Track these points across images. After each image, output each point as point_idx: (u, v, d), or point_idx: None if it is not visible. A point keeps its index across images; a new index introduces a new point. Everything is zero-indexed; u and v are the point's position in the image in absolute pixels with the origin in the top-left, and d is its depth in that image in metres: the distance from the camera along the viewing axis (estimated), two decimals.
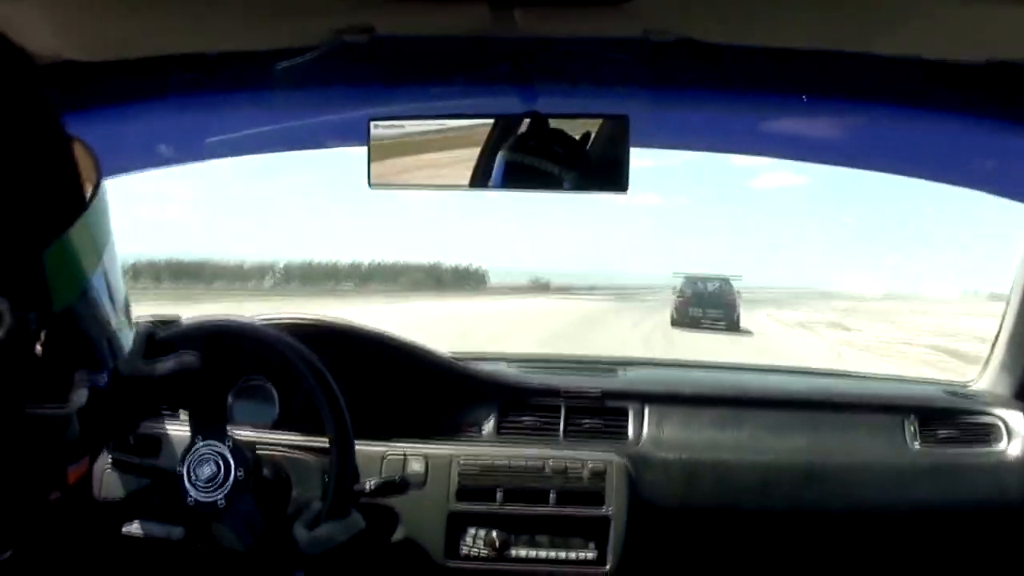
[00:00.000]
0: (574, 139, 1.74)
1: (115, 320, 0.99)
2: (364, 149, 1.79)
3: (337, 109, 2.05)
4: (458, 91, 1.91)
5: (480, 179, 1.78)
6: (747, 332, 22.92)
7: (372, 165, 1.79)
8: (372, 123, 1.77)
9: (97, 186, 0.91)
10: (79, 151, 0.91)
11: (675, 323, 23.80)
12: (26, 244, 0.82)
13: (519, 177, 1.78)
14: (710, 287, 25.22)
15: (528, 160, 1.75)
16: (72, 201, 0.88)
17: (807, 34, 1.66)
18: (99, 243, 0.92)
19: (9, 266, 0.81)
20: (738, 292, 25.56)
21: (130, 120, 2.00)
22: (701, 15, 1.61)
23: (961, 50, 1.65)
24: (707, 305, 24.33)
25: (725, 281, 25.78)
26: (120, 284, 1.01)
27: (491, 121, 1.77)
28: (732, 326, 23.56)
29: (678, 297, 25.11)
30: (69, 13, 1.56)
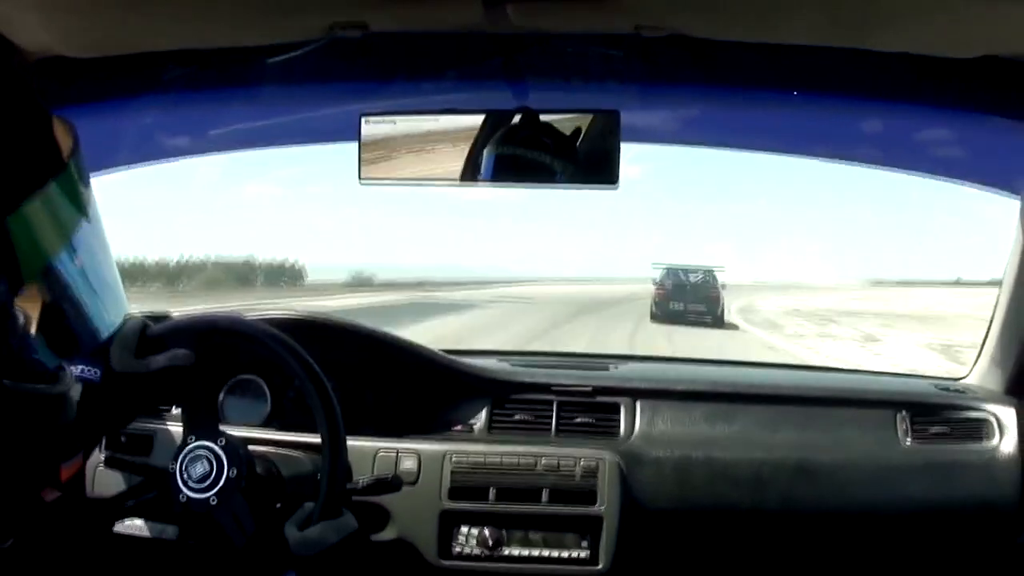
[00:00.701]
0: (565, 134, 1.75)
1: (93, 303, 0.98)
2: (354, 145, 1.79)
3: (329, 105, 2.06)
4: (450, 86, 1.92)
5: (471, 174, 1.78)
6: (734, 327, 21.78)
7: (363, 160, 1.79)
8: (363, 118, 1.78)
9: (67, 162, 0.90)
10: (58, 129, 0.91)
11: (655, 318, 22.20)
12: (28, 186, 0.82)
13: (510, 172, 1.79)
14: (692, 279, 23.67)
15: (519, 155, 1.76)
16: (39, 172, 0.87)
17: (798, 30, 1.67)
18: (68, 219, 0.91)
19: None
20: (722, 284, 24.11)
21: (122, 116, 2.01)
22: (692, 11, 1.61)
23: (952, 46, 1.65)
24: (689, 299, 22.69)
25: (708, 272, 24.27)
26: (106, 270, 1.01)
27: (482, 116, 1.78)
28: (717, 321, 22.26)
29: (657, 289, 23.49)
30: (61, 9, 1.56)
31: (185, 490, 1.74)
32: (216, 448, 1.76)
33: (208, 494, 1.73)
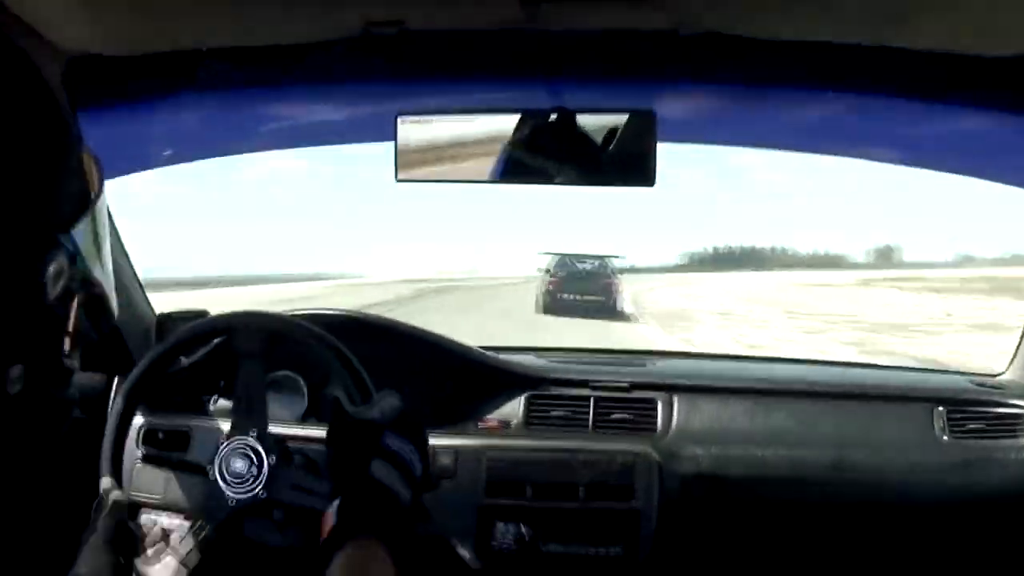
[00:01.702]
0: (600, 133, 1.74)
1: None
2: (391, 144, 1.79)
3: (365, 104, 2.06)
4: (486, 85, 1.92)
5: (506, 173, 1.79)
6: (630, 319, 20.67)
7: (400, 159, 1.79)
8: (400, 118, 1.78)
9: (103, 179, 1.01)
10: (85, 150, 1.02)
11: (546, 309, 21.28)
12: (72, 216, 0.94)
13: (545, 171, 1.79)
14: (586, 267, 22.64)
15: (556, 154, 1.76)
16: (89, 188, 0.97)
17: (834, 28, 1.65)
18: (105, 225, 1.02)
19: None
20: (617, 273, 22.86)
21: (155, 116, 2.02)
22: (729, 9, 1.60)
23: (990, 44, 1.64)
24: (581, 289, 21.49)
25: (602, 261, 23.18)
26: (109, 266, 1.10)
27: (518, 115, 1.77)
28: (611, 312, 21.00)
29: (549, 279, 22.18)
30: (99, 7, 1.57)
31: (230, 492, 1.75)
32: (251, 442, 1.77)
33: (255, 488, 1.74)
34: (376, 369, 1.90)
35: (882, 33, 1.65)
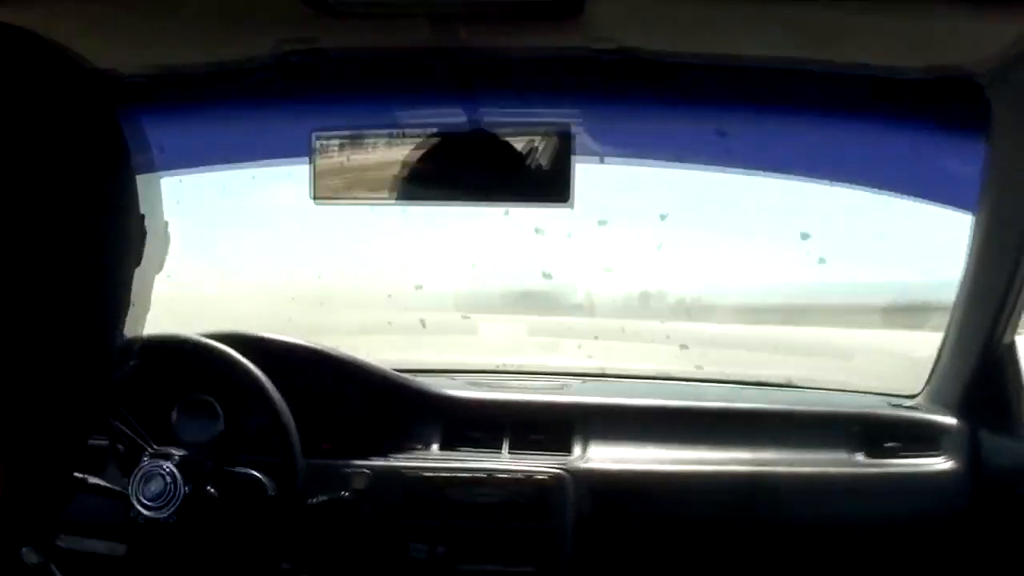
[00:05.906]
0: (518, 152, 1.74)
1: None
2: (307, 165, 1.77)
3: (281, 123, 2.03)
4: (403, 105, 1.90)
5: (424, 193, 1.78)
6: None
7: (317, 179, 1.77)
8: (316, 137, 1.76)
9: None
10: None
11: None
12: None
13: (463, 190, 1.78)
14: None
15: (472, 173, 1.75)
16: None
17: (756, 46, 1.67)
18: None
19: None
20: None
21: None
22: (646, 29, 1.61)
23: (907, 62, 1.67)
24: None
25: None
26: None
27: (435, 134, 1.76)
28: None
29: None
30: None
31: (141, 509, 1.72)
32: (170, 466, 1.74)
33: (165, 512, 1.72)
34: (291, 392, 1.88)
35: (803, 51, 1.68)
